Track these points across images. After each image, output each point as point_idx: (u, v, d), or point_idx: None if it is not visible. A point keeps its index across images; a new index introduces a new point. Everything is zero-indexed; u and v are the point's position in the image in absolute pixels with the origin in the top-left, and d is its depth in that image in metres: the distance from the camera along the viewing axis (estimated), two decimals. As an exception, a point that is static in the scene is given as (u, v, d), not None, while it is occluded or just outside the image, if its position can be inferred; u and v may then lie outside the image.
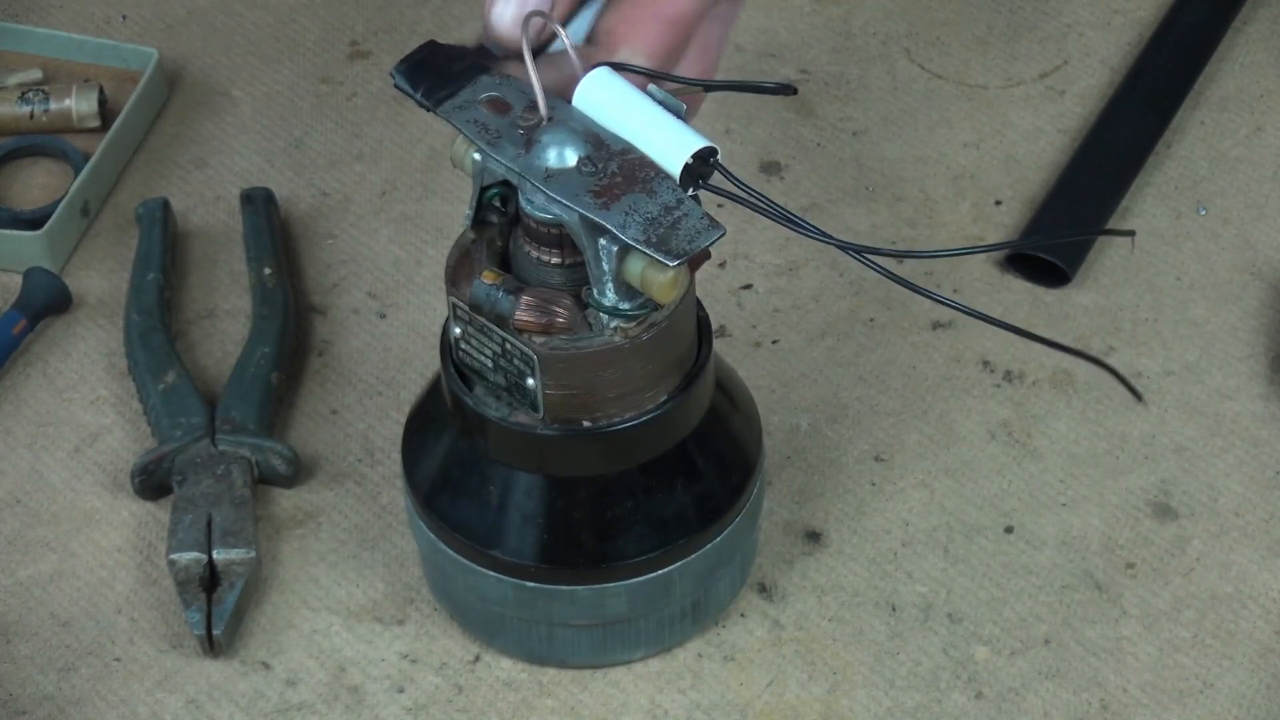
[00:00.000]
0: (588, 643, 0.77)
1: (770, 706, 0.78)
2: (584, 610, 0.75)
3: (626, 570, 0.74)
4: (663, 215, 0.67)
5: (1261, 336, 0.88)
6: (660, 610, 0.77)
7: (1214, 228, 0.92)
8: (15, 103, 0.95)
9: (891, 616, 0.80)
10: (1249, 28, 1.00)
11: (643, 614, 0.76)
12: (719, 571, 0.77)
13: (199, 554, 0.80)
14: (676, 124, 0.69)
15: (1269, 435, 0.85)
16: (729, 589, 0.79)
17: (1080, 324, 0.89)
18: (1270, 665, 0.78)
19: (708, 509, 0.75)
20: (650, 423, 0.73)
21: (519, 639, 0.77)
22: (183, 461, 0.83)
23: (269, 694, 0.78)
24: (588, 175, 0.68)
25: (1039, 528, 0.82)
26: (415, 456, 0.77)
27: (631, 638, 0.77)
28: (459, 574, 0.76)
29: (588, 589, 0.75)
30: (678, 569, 0.75)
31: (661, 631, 0.78)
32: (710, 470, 0.75)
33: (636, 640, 0.78)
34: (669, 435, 0.74)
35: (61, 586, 0.82)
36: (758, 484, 0.77)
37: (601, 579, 0.75)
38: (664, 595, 0.76)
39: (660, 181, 0.68)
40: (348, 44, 1.01)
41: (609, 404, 0.72)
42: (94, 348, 0.89)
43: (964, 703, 0.78)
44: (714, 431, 0.75)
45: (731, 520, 0.76)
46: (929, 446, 0.85)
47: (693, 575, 0.76)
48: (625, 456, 0.74)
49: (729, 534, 0.76)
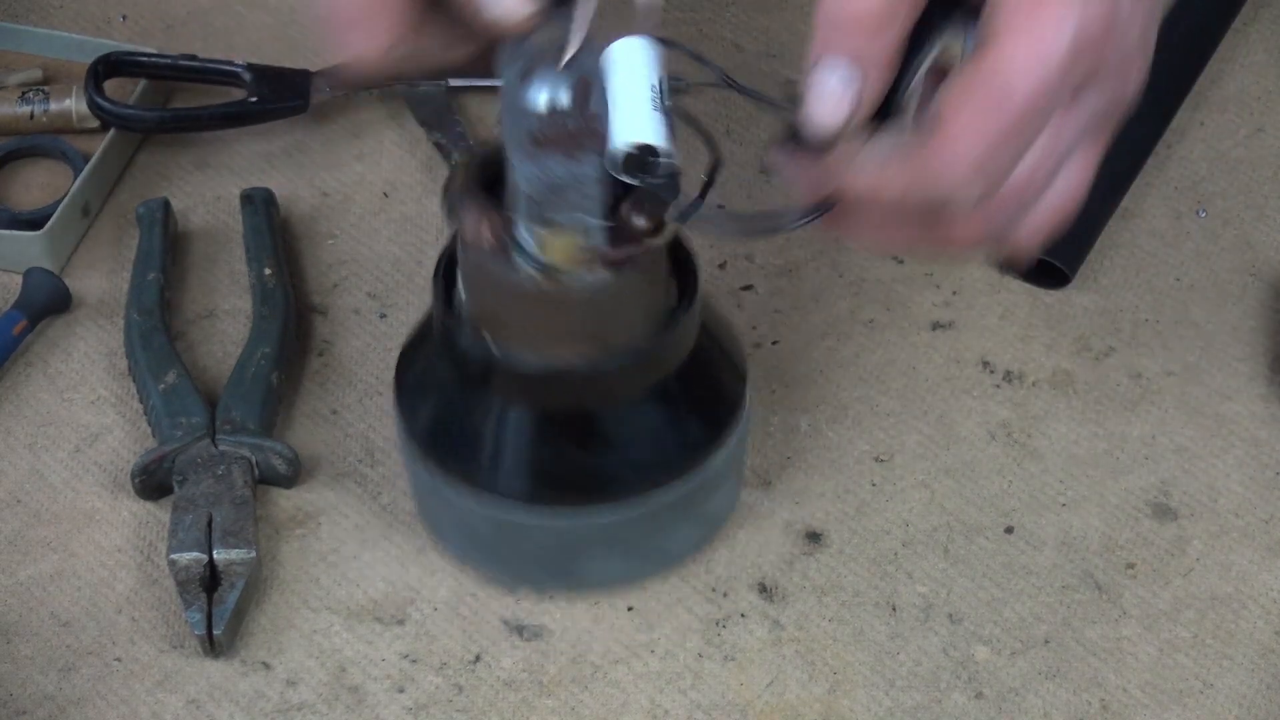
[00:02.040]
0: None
1: (770, 706, 0.78)
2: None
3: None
4: (566, 183, 0.67)
5: (1261, 337, 0.88)
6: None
7: (1214, 229, 0.92)
8: (15, 103, 0.95)
9: (891, 617, 0.80)
10: (1250, 29, 1.00)
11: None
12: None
13: (199, 554, 0.80)
14: (648, 114, 0.68)
15: (1269, 436, 0.85)
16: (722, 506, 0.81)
17: (1080, 325, 0.89)
18: (1270, 665, 0.78)
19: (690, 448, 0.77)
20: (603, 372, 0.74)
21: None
22: (183, 461, 0.83)
23: (269, 694, 0.78)
24: (546, 121, 0.68)
25: (1039, 528, 0.82)
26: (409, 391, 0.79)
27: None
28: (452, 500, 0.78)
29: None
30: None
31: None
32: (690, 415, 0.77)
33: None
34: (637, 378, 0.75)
35: (62, 586, 0.82)
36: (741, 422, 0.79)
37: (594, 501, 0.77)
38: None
39: (588, 155, 0.68)
40: (348, 44, 1.01)
41: (539, 341, 0.73)
42: (94, 348, 0.89)
43: (964, 703, 0.78)
44: (697, 373, 0.77)
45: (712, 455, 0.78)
46: (929, 447, 0.85)
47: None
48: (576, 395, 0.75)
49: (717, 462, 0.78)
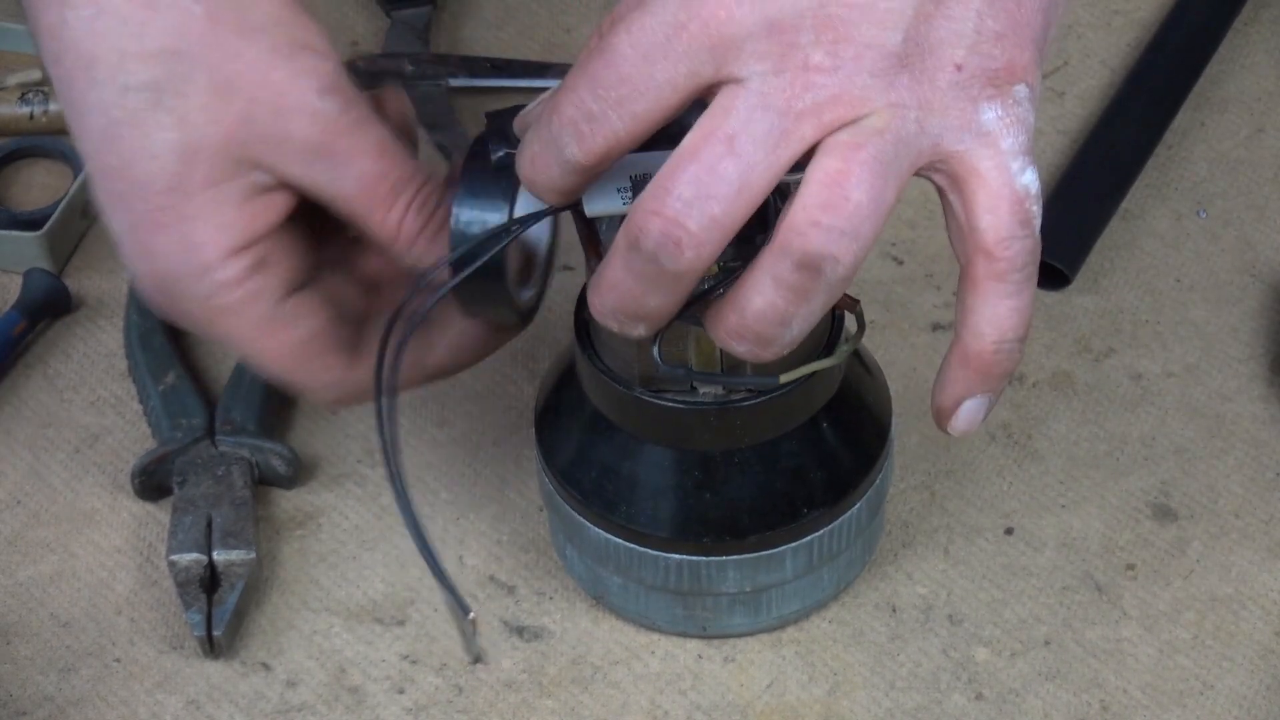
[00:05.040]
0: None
1: (770, 707, 0.78)
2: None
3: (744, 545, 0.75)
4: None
5: (1261, 338, 0.88)
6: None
7: (1214, 229, 0.92)
8: (15, 103, 0.95)
9: (891, 617, 0.80)
10: (1250, 29, 1.00)
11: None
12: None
13: (199, 555, 0.80)
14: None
15: (1269, 437, 0.85)
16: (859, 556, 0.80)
17: (1080, 325, 0.89)
18: (1270, 666, 0.78)
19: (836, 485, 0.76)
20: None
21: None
22: (183, 462, 0.83)
23: (269, 695, 0.78)
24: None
25: (1039, 529, 0.82)
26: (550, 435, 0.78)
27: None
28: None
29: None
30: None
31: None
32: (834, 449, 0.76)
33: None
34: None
35: (61, 587, 0.82)
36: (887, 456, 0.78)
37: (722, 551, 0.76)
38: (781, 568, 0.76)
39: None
40: (348, 44, 1.01)
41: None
42: (94, 348, 0.89)
43: (964, 704, 0.78)
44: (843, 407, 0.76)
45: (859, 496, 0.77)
46: (929, 447, 0.85)
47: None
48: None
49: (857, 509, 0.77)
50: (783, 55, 0.60)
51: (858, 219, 0.62)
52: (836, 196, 0.61)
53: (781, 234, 0.62)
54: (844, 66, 0.61)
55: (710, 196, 0.61)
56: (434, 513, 0.83)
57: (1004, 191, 0.64)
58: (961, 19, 0.62)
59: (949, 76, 0.62)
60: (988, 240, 0.64)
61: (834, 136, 0.62)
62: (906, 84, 0.62)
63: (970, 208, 0.64)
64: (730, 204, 0.61)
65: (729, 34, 0.61)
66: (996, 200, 0.64)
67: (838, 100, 0.61)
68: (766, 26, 0.60)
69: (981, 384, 0.67)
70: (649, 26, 0.61)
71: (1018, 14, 0.63)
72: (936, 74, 0.62)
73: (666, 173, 0.62)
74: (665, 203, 0.61)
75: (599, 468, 0.75)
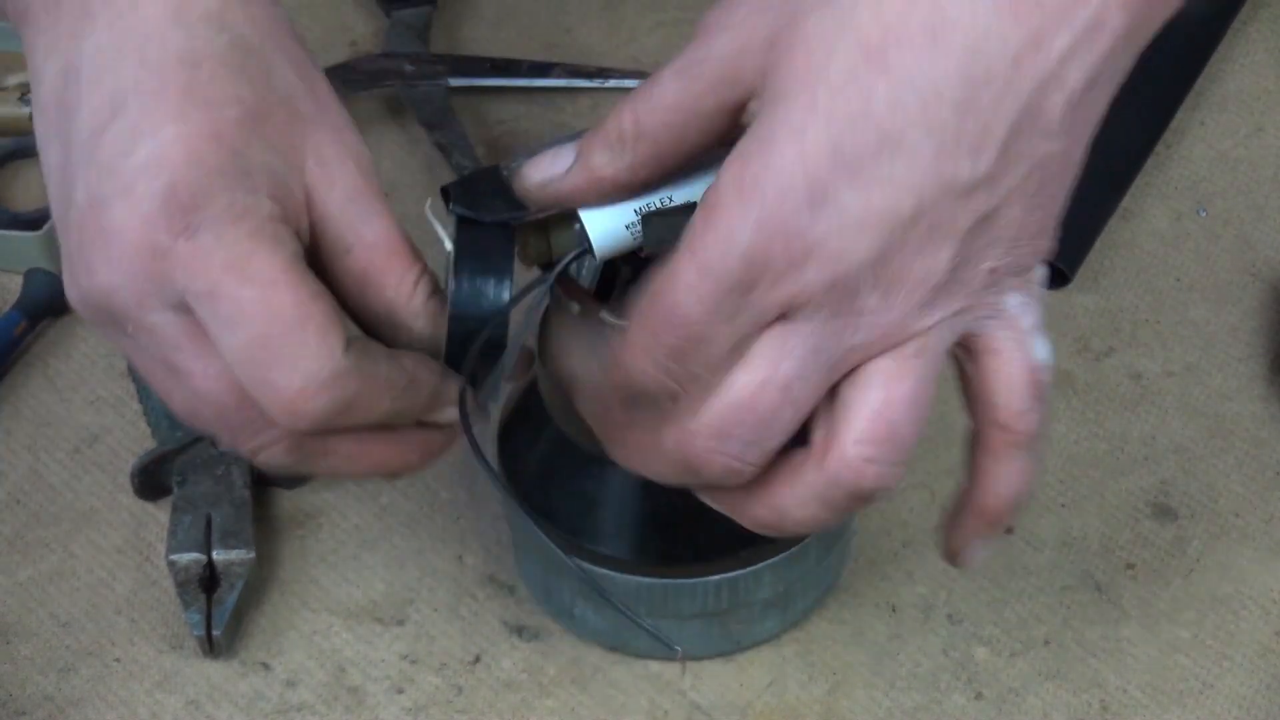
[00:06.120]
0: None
1: (770, 707, 0.78)
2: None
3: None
4: None
5: (1261, 338, 0.88)
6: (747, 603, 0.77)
7: (1214, 228, 0.92)
8: (15, 103, 0.95)
9: (891, 617, 0.80)
10: (1249, 28, 1.00)
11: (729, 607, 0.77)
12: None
13: (198, 555, 0.80)
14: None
15: (1269, 436, 0.85)
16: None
17: (1080, 325, 0.89)
18: (1270, 666, 0.78)
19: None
20: None
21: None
22: (182, 462, 0.83)
23: (269, 694, 0.78)
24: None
25: (1039, 528, 0.82)
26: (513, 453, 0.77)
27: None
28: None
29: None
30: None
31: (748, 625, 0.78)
32: None
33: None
34: None
35: (61, 587, 0.82)
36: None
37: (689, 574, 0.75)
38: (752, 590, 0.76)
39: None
40: (348, 44, 1.01)
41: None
42: (94, 348, 0.89)
43: (964, 703, 0.78)
44: None
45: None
46: (929, 447, 0.85)
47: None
48: None
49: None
50: (840, 302, 0.62)
51: (907, 447, 0.64)
52: (887, 431, 0.63)
53: (833, 465, 0.63)
54: (895, 307, 0.62)
55: (768, 438, 0.63)
56: (434, 513, 0.83)
57: (1021, 369, 0.65)
58: (1005, 226, 0.62)
59: (983, 280, 0.63)
60: (1003, 415, 0.66)
61: (875, 362, 0.63)
62: (944, 301, 0.63)
63: (987, 382, 0.65)
64: (783, 437, 0.64)
65: (798, 298, 0.61)
66: (1013, 379, 0.65)
67: (886, 336, 0.62)
68: (830, 284, 0.61)
69: (991, 530, 0.69)
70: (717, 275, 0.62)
71: (1050, 206, 0.63)
72: (972, 281, 0.63)
73: (725, 414, 0.63)
74: (726, 445, 0.63)
75: (611, 513, 0.75)
